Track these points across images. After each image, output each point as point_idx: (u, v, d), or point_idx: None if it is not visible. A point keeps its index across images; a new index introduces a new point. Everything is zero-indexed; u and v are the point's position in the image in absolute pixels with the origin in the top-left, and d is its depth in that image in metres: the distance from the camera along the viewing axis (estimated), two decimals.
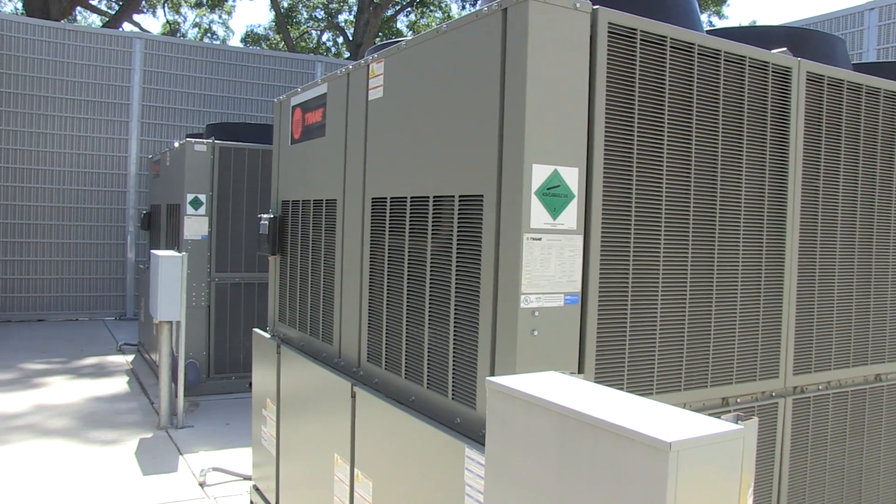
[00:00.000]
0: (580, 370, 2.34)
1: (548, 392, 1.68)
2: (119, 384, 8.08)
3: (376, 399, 2.98)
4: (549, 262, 2.27)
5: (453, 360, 2.56)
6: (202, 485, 5.10)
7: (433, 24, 27.02)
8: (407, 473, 2.75)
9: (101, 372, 8.67)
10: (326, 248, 3.65)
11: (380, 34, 23.40)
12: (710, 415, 1.54)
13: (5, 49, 12.01)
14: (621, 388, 2.35)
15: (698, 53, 2.56)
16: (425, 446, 2.63)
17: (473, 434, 2.42)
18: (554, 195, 2.27)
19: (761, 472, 2.89)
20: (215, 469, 5.27)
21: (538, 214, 2.25)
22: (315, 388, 3.62)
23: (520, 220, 2.22)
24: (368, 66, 3.24)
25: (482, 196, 2.40)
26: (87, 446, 5.90)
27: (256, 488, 4.53)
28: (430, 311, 2.71)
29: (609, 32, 2.34)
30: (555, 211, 2.27)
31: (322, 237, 3.70)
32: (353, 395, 3.17)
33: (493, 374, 2.32)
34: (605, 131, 2.34)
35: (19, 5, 24.29)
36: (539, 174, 2.24)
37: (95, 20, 26.34)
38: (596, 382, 2.09)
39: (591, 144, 2.32)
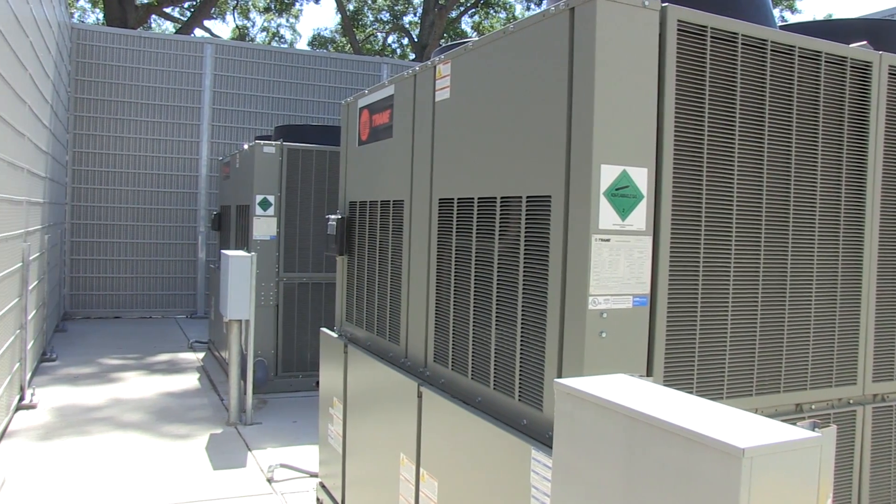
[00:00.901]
0: (649, 373, 2.31)
1: (617, 395, 1.66)
2: (190, 380, 8.28)
3: (443, 399, 2.99)
4: (617, 263, 2.24)
5: (520, 362, 2.55)
6: (270, 480, 5.19)
7: (497, 24, 26.97)
8: (472, 474, 2.75)
9: (173, 368, 8.90)
10: (393, 248, 3.67)
11: (445, 35, 23.46)
12: (783, 421, 1.50)
13: (87, 57, 12.42)
14: (691, 392, 2.31)
15: (771, 50, 2.50)
16: (491, 447, 2.62)
17: (540, 436, 2.40)
18: (623, 196, 2.24)
19: (839, 484, 2.81)
20: (283, 465, 5.36)
21: (607, 215, 2.22)
22: (381, 388, 3.65)
23: (588, 221, 2.20)
24: (435, 67, 3.25)
25: (550, 197, 2.38)
26: (161, 440, 6.05)
27: (323, 485, 4.59)
28: (496, 312, 2.70)
29: (678, 30, 2.30)
30: (624, 212, 2.24)
31: (389, 237, 3.72)
32: (420, 395, 3.18)
33: (560, 376, 2.30)
34: (675, 131, 2.31)
35: (101, 16, 25.08)
36: (608, 175, 2.22)
37: (169, 27, 27.05)
38: (665, 385, 2.06)
39: (661, 144, 2.29)
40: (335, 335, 4.43)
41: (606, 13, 2.19)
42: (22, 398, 6.94)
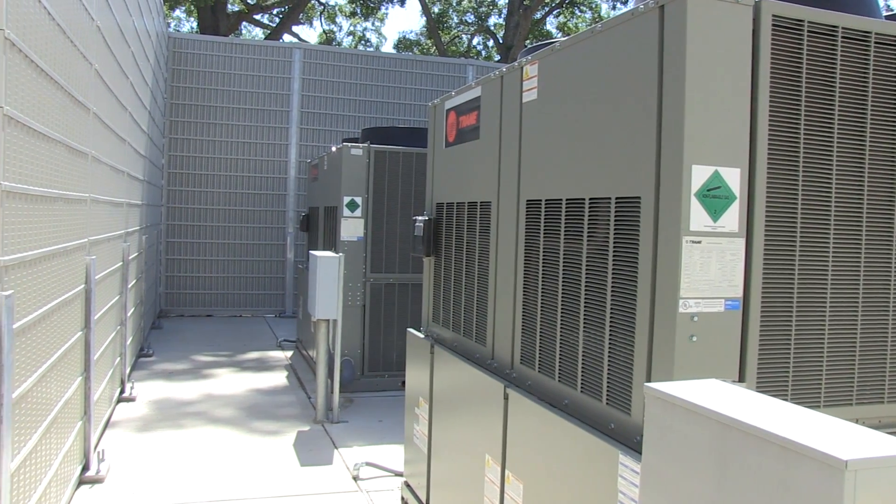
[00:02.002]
0: (741, 378, 2.25)
1: (709, 400, 1.63)
2: (279, 378, 8.47)
3: (529, 401, 2.98)
4: (709, 265, 2.19)
5: (608, 365, 2.52)
6: (356, 478, 5.26)
7: (582, 24, 26.70)
8: (558, 477, 2.73)
9: (262, 366, 9.12)
10: (480, 249, 3.68)
11: (530, 36, 23.35)
12: (888, 433, 1.44)
13: (182, 65, 12.86)
14: (785, 400, 2.24)
15: (875, 42, 2.40)
16: (578, 451, 2.60)
17: (628, 440, 2.37)
18: (715, 196, 2.19)
19: None
20: (368, 464, 5.42)
21: (698, 217, 2.18)
22: (468, 389, 3.66)
23: (679, 222, 2.16)
24: (522, 68, 3.25)
25: (639, 198, 2.35)
26: (251, 436, 6.21)
27: (407, 484, 4.63)
28: (584, 315, 2.68)
29: (773, 25, 2.23)
30: (715, 213, 2.19)
31: (476, 239, 3.73)
32: (506, 397, 3.18)
33: (649, 380, 2.27)
34: (769, 130, 2.24)
35: (195, 25, 25.93)
36: (699, 175, 2.17)
37: (258, 33, 27.74)
38: (758, 392, 2.00)
39: (754, 144, 2.23)
40: (422, 336, 4.46)
41: (697, 10, 2.15)
42: (122, 391, 7.24)
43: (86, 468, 5.09)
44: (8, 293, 3.00)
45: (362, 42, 29.02)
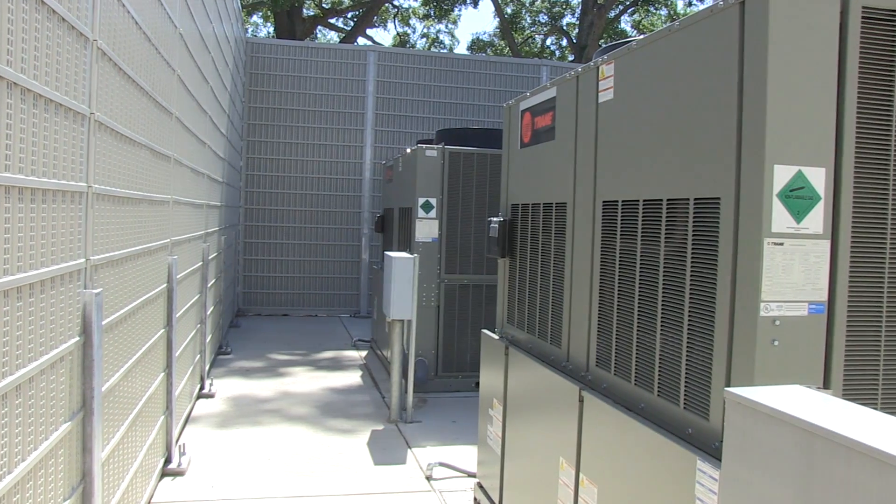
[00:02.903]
0: (826, 385, 2.18)
1: (793, 407, 1.58)
2: (353, 377, 8.57)
3: (604, 404, 2.95)
4: (791, 268, 2.13)
5: (686, 369, 2.47)
6: (429, 478, 5.28)
7: (658, 22, 26.26)
8: (634, 482, 2.69)
9: (337, 365, 9.24)
10: (556, 250, 3.65)
11: (604, 36, 23.09)
12: None
13: (259, 69, 13.16)
14: (874, 408, 2.16)
15: None
16: (654, 456, 2.56)
17: (706, 446, 2.32)
18: (798, 197, 2.13)
19: None
20: (441, 464, 5.44)
21: (780, 218, 2.12)
22: (542, 391, 3.64)
23: (760, 223, 2.11)
24: (598, 67, 3.21)
25: (719, 199, 2.30)
26: (326, 434, 6.30)
27: (480, 485, 4.63)
28: (662, 317, 2.64)
29: (863, 18, 2.16)
30: (798, 214, 2.13)
31: (551, 240, 3.71)
32: (581, 400, 3.15)
33: (728, 385, 2.22)
34: (857, 127, 2.17)
35: (271, 30, 26.48)
36: (781, 175, 2.12)
37: (333, 37, 28.13)
38: (844, 399, 1.93)
39: (840, 142, 2.16)
40: (496, 337, 4.46)
41: (780, 4, 2.09)
42: (202, 387, 7.43)
43: (168, 461, 5.24)
44: (97, 291, 3.11)
45: (435, 44, 29.15)
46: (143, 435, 4.43)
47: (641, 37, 2.95)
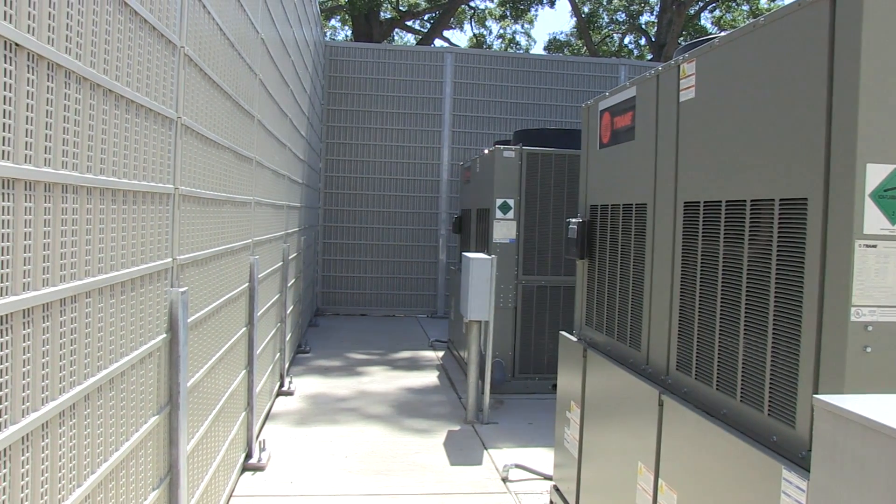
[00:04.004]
0: None
1: (889, 417, 1.52)
2: (430, 378, 8.61)
3: (685, 409, 2.89)
4: (886, 271, 2.05)
5: (770, 374, 2.40)
6: (505, 480, 5.27)
7: (740, 19, 25.62)
8: (715, 489, 2.63)
9: (413, 365, 9.30)
10: (635, 252, 3.60)
11: (683, 33, 22.65)
12: None
13: (337, 71, 13.36)
14: None
15: None
16: (737, 463, 2.50)
17: (792, 455, 2.25)
18: (892, 198, 2.05)
19: None
20: (518, 466, 5.42)
21: (873, 219, 2.05)
22: (621, 394, 3.59)
23: (851, 225, 2.04)
24: (679, 66, 3.16)
25: (806, 199, 2.23)
26: (402, 433, 6.35)
27: (557, 489, 4.59)
28: (745, 321, 2.57)
29: None
30: (894, 215, 2.05)
31: (631, 241, 3.66)
32: (661, 404, 3.10)
33: (816, 392, 2.15)
34: None
35: (349, 33, 26.85)
36: (874, 174, 2.04)
37: (410, 39, 28.34)
38: None
39: None
40: (574, 339, 4.42)
41: None
42: (281, 385, 7.58)
43: (248, 456, 5.37)
44: (183, 289, 3.20)
45: (511, 45, 29.08)
46: (225, 430, 4.55)
47: (723, 33, 2.89)
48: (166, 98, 3.06)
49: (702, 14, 25.95)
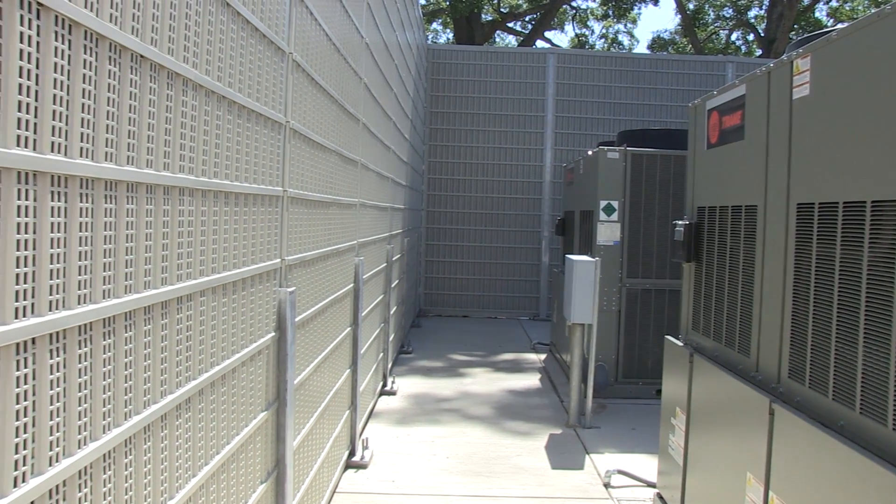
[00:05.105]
0: None
1: None
2: (531, 380, 8.57)
3: (798, 420, 2.78)
4: None
5: (895, 386, 2.28)
6: (606, 486, 5.19)
7: (860, 9, 24.47)
8: None
9: (515, 367, 9.28)
10: (745, 255, 3.49)
11: (794, 27, 21.81)
12: None
13: (440, 74, 13.48)
14: None
15: None
16: (857, 479, 2.38)
17: None
18: None
19: None
20: (620, 472, 5.33)
21: None
22: (729, 402, 3.49)
23: None
24: (792, 62, 3.04)
25: None
26: (503, 435, 6.34)
27: (660, 496, 4.50)
28: (865, 328, 2.45)
29: None
30: None
31: (740, 244, 3.55)
32: (772, 413, 2.99)
33: None
34: None
35: (451, 36, 27.04)
36: None
37: (511, 40, 28.32)
38: None
39: None
40: (680, 343, 4.32)
41: None
42: (384, 385, 7.69)
43: (352, 454, 5.47)
44: (291, 289, 3.29)
45: (614, 44, 28.66)
46: (329, 427, 4.64)
47: (841, 25, 2.76)
48: (275, 103, 3.15)
49: (815, 6, 24.92)
